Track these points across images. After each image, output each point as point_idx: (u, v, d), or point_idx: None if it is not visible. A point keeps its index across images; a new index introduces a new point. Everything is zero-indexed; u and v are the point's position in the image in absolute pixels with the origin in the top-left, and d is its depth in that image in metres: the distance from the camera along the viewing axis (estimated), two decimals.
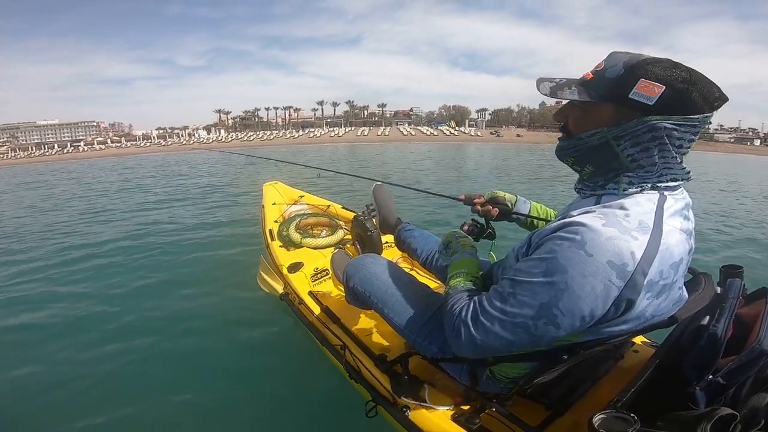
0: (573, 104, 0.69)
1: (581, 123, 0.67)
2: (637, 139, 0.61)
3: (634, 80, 0.59)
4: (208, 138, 50.74)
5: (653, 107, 0.58)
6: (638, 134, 0.61)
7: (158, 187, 8.62)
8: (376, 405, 1.12)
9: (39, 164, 26.11)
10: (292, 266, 1.85)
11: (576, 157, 0.70)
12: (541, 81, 0.70)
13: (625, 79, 0.60)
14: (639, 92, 0.58)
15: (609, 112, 0.63)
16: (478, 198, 1.09)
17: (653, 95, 0.57)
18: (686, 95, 0.57)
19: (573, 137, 0.69)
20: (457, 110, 69.41)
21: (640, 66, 0.59)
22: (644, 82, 0.58)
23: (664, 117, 0.58)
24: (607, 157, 0.66)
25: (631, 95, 0.59)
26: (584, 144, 0.67)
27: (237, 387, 1.68)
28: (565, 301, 0.59)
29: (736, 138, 51.62)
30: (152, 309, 2.39)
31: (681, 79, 0.57)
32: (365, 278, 1.07)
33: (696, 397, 0.73)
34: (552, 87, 0.68)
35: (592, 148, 0.66)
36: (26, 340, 2.11)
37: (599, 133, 0.64)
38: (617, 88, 0.61)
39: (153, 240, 3.93)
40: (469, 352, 0.71)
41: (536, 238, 0.68)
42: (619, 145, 0.63)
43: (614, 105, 0.62)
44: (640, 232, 0.58)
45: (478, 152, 22.28)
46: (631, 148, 0.63)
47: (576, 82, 0.67)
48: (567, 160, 0.73)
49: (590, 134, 0.65)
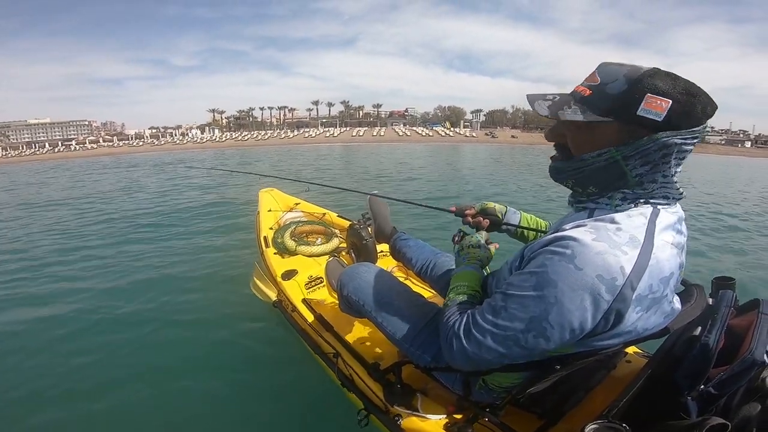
0: (572, 122, 0.63)
1: (583, 143, 0.63)
2: (647, 158, 0.59)
3: (640, 95, 0.56)
4: (202, 137, 50.32)
5: (662, 124, 0.56)
6: (649, 152, 0.58)
7: (151, 187, 8.54)
8: (368, 414, 1.11)
9: (28, 163, 25.80)
10: (286, 273, 1.84)
11: (577, 179, 0.67)
12: (535, 99, 0.65)
13: (630, 95, 0.57)
14: (647, 108, 0.56)
15: (614, 130, 0.60)
16: (468, 209, 1.07)
17: (661, 111, 0.55)
18: (690, 108, 0.56)
19: (574, 159, 0.65)
20: (453, 111, 69.69)
21: (642, 80, 0.56)
22: (651, 98, 0.55)
23: (674, 133, 0.56)
24: (612, 177, 0.63)
25: (639, 112, 0.56)
26: (588, 165, 0.63)
27: (227, 394, 1.66)
28: (554, 315, 0.59)
29: (726, 140, 52.46)
30: (140, 313, 2.36)
31: (684, 92, 0.55)
32: (359, 287, 1.07)
33: (688, 406, 0.73)
34: (550, 107, 0.63)
35: (598, 169, 0.63)
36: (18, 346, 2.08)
37: (607, 153, 0.61)
38: (623, 105, 0.57)
39: (143, 243, 3.88)
40: (461, 364, 0.71)
41: (529, 252, 0.67)
42: (628, 165, 0.60)
43: (619, 123, 0.59)
44: (630, 247, 0.58)
45: (475, 153, 22.24)
46: (640, 167, 0.60)
47: (573, 99, 0.63)
48: (566, 182, 0.69)
49: (596, 155, 0.62)
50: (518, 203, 5.73)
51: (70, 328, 2.24)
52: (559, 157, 0.69)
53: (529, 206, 5.68)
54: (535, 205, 6.14)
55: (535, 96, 0.65)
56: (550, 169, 0.72)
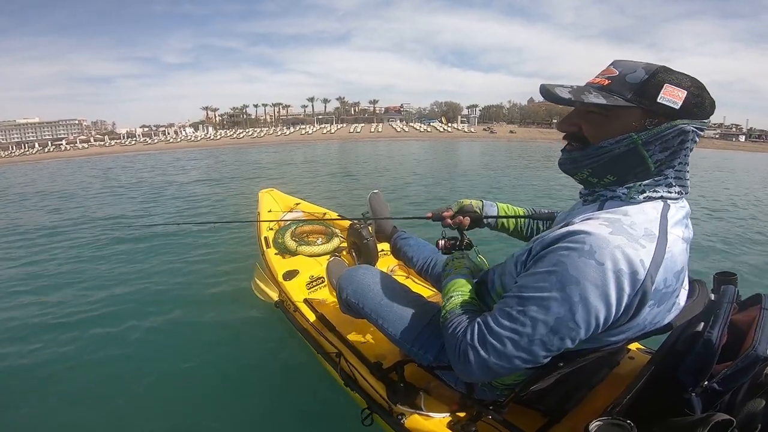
0: (589, 111, 0.64)
1: (603, 130, 0.63)
2: (666, 144, 0.61)
3: (660, 84, 0.59)
4: (195, 135, 49.67)
5: (679, 111, 0.59)
6: (668, 138, 0.60)
7: (147, 186, 8.45)
8: (371, 413, 1.12)
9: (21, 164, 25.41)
10: (288, 274, 1.83)
11: (595, 168, 0.66)
12: (554, 87, 0.63)
13: (651, 83, 0.59)
14: (666, 97, 0.58)
15: (635, 116, 0.60)
16: (446, 211, 1.04)
17: (678, 100, 0.58)
18: (701, 100, 0.59)
19: (591, 146, 0.65)
20: (450, 106, 69.35)
21: (660, 72, 0.59)
22: (669, 87, 0.58)
23: (690, 121, 0.59)
24: (632, 164, 0.63)
25: (659, 99, 0.58)
26: (607, 152, 0.63)
27: (230, 394, 1.65)
28: (581, 313, 0.58)
29: (720, 134, 52.83)
30: (141, 314, 2.34)
31: (695, 86, 0.59)
32: (358, 289, 1.06)
33: (692, 403, 0.74)
34: (571, 92, 0.62)
35: (618, 156, 0.63)
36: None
37: (627, 139, 0.61)
38: (645, 92, 0.59)
39: (140, 244, 3.85)
40: (481, 375, 0.67)
41: (537, 246, 0.66)
42: (648, 150, 0.61)
43: (641, 109, 0.60)
44: (647, 240, 0.58)
45: (478, 149, 21.61)
46: (659, 153, 0.61)
47: (593, 88, 0.62)
48: (582, 172, 0.68)
49: (616, 141, 0.62)
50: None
51: (68, 329, 2.22)
52: (573, 147, 0.68)
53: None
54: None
55: (551, 85, 0.64)
56: (562, 161, 0.70)
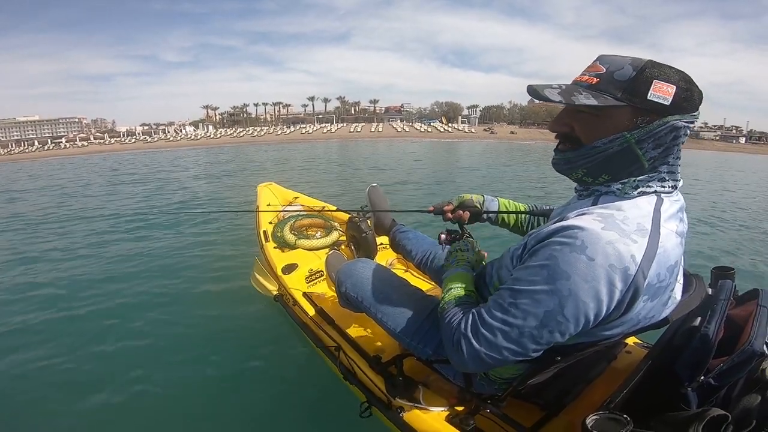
0: (579, 111, 0.64)
1: (596, 130, 0.63)
2: (659, 141, 0.61)
3: (649, 81, 0.58)
4: (196, 134, 49.60)
5: (669, 108, 0.58)
6: (660, 135, 0.60)
7: (147, 181, 8.44)
8: (370, 406, 1.12)
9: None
10: (287, 267, 1.84)
11: (589, 168, 0.66)
12: (541, 88, 0.63)
13: (640, 80, 0.58)
14: (656, 93, 0.58)
15: (627, 115, 0.60)
16: (447, 206, 1.06)
17: (668, 96, 0.58)
18: (689, 94, 0.59)
19: (585, 147, 0.64)
20: (450, 106, 69.24)
21: (647, 67, 0.59)
22: (658, 83, 0.58)
23: (681, 116, 0.59)
24: (627, 163, 0.63)
25: (649, 96, 0.58)
26: (601, 152, 0.63)
27: (230, 388, 1.66)
28: (569, 308, 0.59)
29: (721, 136, 52.85)
30: (140, 308, 2.35)
31: (683, 80, 0.59)
32: (357, 283, 1.07)
33: (688, 397, 0.74)
34: (560, 93, 0.62)
35: (612, 155, 0.63)
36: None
37: (620, 138, 0.61)
38: (635, 90, 0.59)
39: (140, 239, 3.85)
40: (473, 366, 0.68)
41: (532, 241, 0.66)
42: (642, 148, 0.61)
43: (632, 107, 0.60)
44: (638, 235, 0.58)
45: (480, 150, 21.48)
46: (653, 150, 0.62)
47: (581, 87, 0.62)
48: (577, 172, 0.68)
49: (609, 140, 0.62)
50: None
51: (67, 324, 2.23)
52: (566, 147, 0.68)
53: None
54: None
55: (539, 85, 0.64)
56: (556, 161, 0.70)
